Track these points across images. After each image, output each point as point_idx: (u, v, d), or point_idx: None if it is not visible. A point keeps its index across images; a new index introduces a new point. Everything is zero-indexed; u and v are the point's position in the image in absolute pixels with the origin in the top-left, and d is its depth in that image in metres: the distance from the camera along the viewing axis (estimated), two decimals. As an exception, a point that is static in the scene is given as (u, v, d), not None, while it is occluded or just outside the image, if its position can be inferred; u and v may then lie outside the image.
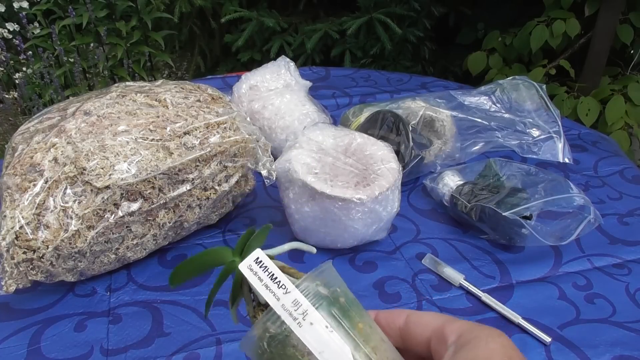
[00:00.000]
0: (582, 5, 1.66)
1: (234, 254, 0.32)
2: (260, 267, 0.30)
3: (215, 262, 0.32)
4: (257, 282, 0.30)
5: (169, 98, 0.66)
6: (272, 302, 0.29)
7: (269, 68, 0.92)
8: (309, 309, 0.29)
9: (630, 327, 0.58)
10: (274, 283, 0.29)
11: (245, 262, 0.30)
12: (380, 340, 0.30)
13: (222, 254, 0.32)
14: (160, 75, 2.47)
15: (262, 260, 0.30)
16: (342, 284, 0.31)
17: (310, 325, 0.28)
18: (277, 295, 0.29)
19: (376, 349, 0.29)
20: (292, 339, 0.29)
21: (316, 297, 0.29)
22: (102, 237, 0.58)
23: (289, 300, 0.29)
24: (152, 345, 0.55)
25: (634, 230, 0.73)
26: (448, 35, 2.23)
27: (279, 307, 0.29)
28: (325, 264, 0.31)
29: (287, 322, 0.28)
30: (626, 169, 0.87)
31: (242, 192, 0.71)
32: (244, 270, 0.30)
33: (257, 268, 0.30)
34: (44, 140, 0.59)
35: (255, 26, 2.07)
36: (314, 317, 0.28)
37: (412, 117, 0.83)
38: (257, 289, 0.30)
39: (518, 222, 0.64)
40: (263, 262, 0.30)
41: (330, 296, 0.30)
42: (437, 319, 0.30)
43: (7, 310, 0.59)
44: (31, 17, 2.27)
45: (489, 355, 0.26)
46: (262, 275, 0.30)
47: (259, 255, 0.30)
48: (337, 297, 0.30)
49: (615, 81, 1.75)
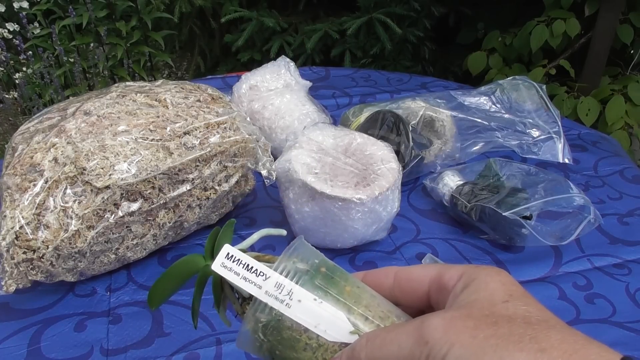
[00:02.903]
0: (582, 5, 1.66)
1: (205, 259, 0.32)
2: (234, 262, 0.30)
3: (189, 271, 0.32)
4: (234, 277, 0.29)
5: (169, 98, 0.66)
6: (254, 292, 0.29)
7: (269, 68, 0.92)
8: (293, 288, 0.28)
9: (630, 327, 0.58)
10: (251, 273, 0.29)
11: (217, 262, 0.30)
12: (370, 297, 0.30)
13: (193, 262, 0.32)
14: (160, 75, 2.47)
15: (233, 254, 0.30)
16: (318, 255, 0.31)
17: (298, 303, 0.28)
18: (257, 284, 0.29)
19: (369, 307, 0.29)
20: (285, 321, 0.28)
21: (297, 274, 0.29)
22: (102, 237, 0.58)
23: (271, 285, 0.29)
24: (152, 345, 0.55)
25: (634, 230, 0.73)
26: (448, 35, 2.23)
27: (263, 295, 0.28)
28: (297, 240, 0.31)
29: (275, 306, 0.28)
30: (626, 169, 0.87)
31: (242, 192, 0.71)
32: (218, 269, 0.30)
33: (230, 264, 0.30)
34: (44, 140, 0.59)
35: (255, 26, 2.07)
36: (300, 294, 0.28)
37: (412, 117, 0.83)
38: (236, 284, 0.29)
39: (518, 222, 0.64)
40: (234, 255, 0.30)
41: (310, 269, 0.29)
42: (430, 270, 0.30)
43: (7, 310, 0.59)
44: (31, 17, 2.27)
45: (490, 295, 0.26)
46: (238, 269, 0.29)
47: (228, 251, 0.30)
48: (318, 268, 0.30)
49: (615, 81, 1.75)
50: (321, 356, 0.28)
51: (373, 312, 0.29)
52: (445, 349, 0.24)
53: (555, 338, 0.23)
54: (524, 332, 0.23)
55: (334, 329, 0.28)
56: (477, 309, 0.26)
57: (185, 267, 0.32)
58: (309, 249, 0.31)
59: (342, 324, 0.28)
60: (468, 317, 0.25)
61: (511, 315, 0.25)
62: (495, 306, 0.26)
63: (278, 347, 0.29)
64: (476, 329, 0.24)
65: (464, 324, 0.25)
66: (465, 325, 0.25)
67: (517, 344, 0.23)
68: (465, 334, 0.24)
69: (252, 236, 0.33)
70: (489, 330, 0.24)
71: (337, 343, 0.28)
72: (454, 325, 0.25)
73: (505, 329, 0.24)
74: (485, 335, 0.24)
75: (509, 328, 0.24)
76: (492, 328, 0.24)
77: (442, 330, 0.25)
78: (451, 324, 0.25)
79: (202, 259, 0.32)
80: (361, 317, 0.28)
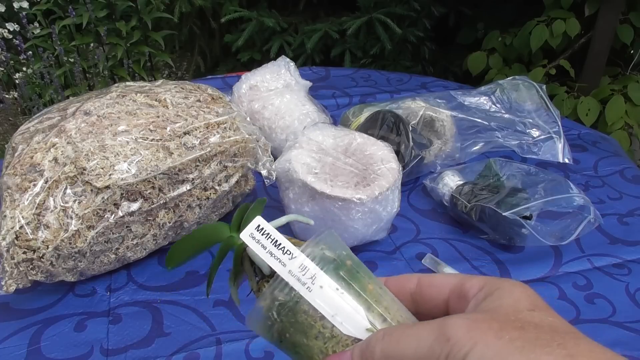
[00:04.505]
0: (582, 5, 1.66)
1: (231, 230, 0.31)
2: (263, 235, 0.28)
3: (213, 238, 0.31)
4: (261, 249, 0.28)
5: (169, 98, 0.66)
6: (278, 268, 0.28)
7: (269, 68, 0.92)
8: (318, 273, 0.27)
9: (630, 327, 0.58)
10: (278, 249, 0.28)
11: (247, 230, 0.28)
12: (391, 300, 0.29)
13: (219, 230, 0.31)
14: (160, 75, 2.47)
15: (264, 227, 0.28)
16: (346, 248, 0.30)
17: (320, 289, 0.27)
18: (282, 261, 0.28)
19: (389, 309, 0.28)
20: (302, 304, 0.27)
21: (323, 261, 0.28)
22: (102, 237, 0.58)
23: (296, 266, 0.27)
24: (152, 345, 0.55)
25: (634, 230, 0.73)
26: (448, 35, 2.23)
27: (286, 273, 0.28)
28: (327, 230, 0.30)
29: (295, 287, 0.27)
30: (626, 169, 0.87)
31: (242, 192, 0.71)
32: (246, 239, 0.28)
33: (259, 236, 0.28)
34: (44, 140, 0.59)
35: (255, 26, 2.07)
36: (323, 280, 0.27)
37: (412, 117, 0.83)
38: (261, 257, 0.28)
39: (518, 222, 0.64)
40: (265, 229, 0.28)
41: (337, 259, 0.29)
42: (452, 278, 0.29)
43: (7, 310, 0.59)
44: (31, 17, 2.27)
45: (515, 302, 0.25)
46: (265, 243, 0.28)
47: (260, 223, 0.29)
48: (344, 260, 0.29)
49: (615, 81, 1.75)
50: (331, 348, 0.28)
51: (392, 315, 0.28)
52: (467, 347, 0.23)
53: (584, 347, 0.22)
54: (552, 338, 0.23)
55: (351, 322, 0.27)
56: (502, 314, 0.25)
57: (210, 233, 0.31)
58: (337, 240, 0.30)
59: (359, 319, 0.27)
60: (493, 319, 0.24)
61: (538, 323, 0.24)
62: (521, 312, 0.25)
63: (290, 330, 0.28)
64: (501, 330, 0.23)
65: (488, 326, 0.24)
66: (490, 327, 0.24)
67: (545, 348, 0.22)
68: (490, 334, 0.23)
69: (281, 218, 0.32)
70: (515, 333, 0.23)
71: (351, 338, 0.27)
72: (478, 326, 0.24)
73: (532, 334, 0.23)
74: (511, 337, 0.23)
75: (535, 333, 0.23)
76: (518, 331, 0.23)
77: (466, 329, 0.24)
78: (475, 324, 0.24)
79: (227, 228, 0.31)
80: (379, 317, 0.28)
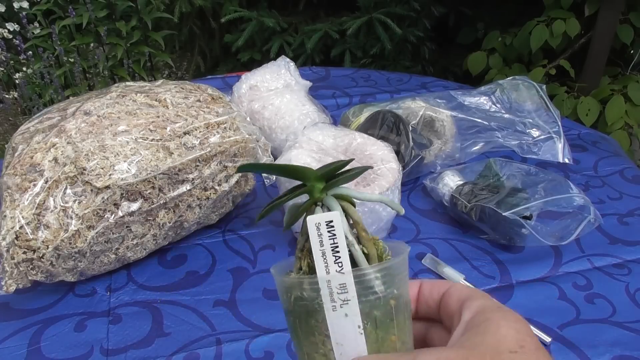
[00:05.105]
0: (582, 5, 1.66)
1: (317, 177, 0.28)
2: (329, 232, 0.26)
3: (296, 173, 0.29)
4: (317, 245, 0.26)
5: (169, 98, 0.66)
6: (320, 273, 0.26)
7: (269, 68, 0.92)
8: (352, 301, 0.26)
9: (630, 327, 0.58)
10: (332, 255, 0.26)
11: (315, 218, 0.26)
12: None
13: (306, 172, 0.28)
14: (160, 75, 2.47)
15: (335, 226, 0.26)
16: (403, 284, 0.28)
17: (344, 317, 0.26)
18: (329, 269, 0.26)
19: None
20: (319, 314, 0.27)
21: (366, 292, 0.26)
22: (102, 237, 0.58)
23: (338, 281, 0.26)
24: (152, 345, 0.55)
25: (634, 230, 0.73)
26: (448, 35, 2.23)
27: (324, 283, 0.26)
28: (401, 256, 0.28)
29: (323, 299, 0.26)
30: (626, 169, 0.87)
31: (242, 192, 0.71)
32: (310, 225, 0.26)
33: (324, 229, 0.26)
34: (44, 140, 0.59)
35: (255, 26, 2.07)
36: (352, 310, 0.26)
37: (412, 117, 0.83)
38: (312, 252, 0.26)
39: (518, 222, 0.64)
40: (335, 228, 0.26)
41: (382, 297, 0.27)
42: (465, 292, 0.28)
43: (7, 310, 0.59)
44: (31, 17, 2.27)
45: (498, 342, 0.24)
46: (325, 241, 0.26)
47: (334, 219, 0.26)
48: (388, 300, 0.27)
49: (615, 81, 1.75)
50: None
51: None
52: None
53: None
54: None
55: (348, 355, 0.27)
56: (478, 353, 0.24)
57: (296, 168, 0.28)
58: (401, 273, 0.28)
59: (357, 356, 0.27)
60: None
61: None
62: (500, 355, 0.23)
63: (297, 318, 0.28)
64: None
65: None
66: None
67: None
68: None
69: (372, 196, 0.30)
70: None
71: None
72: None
73: None
74: None
75: None
76: None
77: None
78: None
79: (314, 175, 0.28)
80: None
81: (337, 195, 0.29)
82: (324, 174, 0.28)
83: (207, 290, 0.62)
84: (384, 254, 0.29)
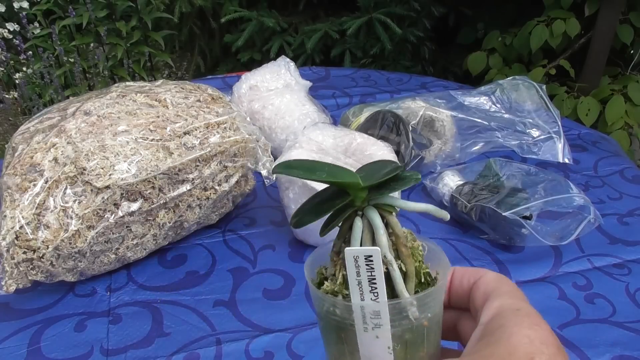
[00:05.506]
0: (582, 5, 1.66)
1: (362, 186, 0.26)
2: (367, 265, 0.25)
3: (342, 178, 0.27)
4: (353, 275, 0.26)
5: (169, 98, 0.66)
6: (354, 299, 0.26)
7: (269, 68, 0.92)
8: (384, 326, 0.26)
9: (630, 327, 0.58)
10: (368, 285, 0.26)
11: (353, 251, 0.25)
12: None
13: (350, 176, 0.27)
14: (160, 75, 2.47)
15: (375, 261, 0.25)
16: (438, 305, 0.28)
17: (374, 338, 0.26)
18: (364, 297, 0.26)
19: None
20: (350, 331, 0.26)
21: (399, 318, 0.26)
22: (102, 237, 0.58)
23: (371, 309, 0.26)
24: (152, 345, 0.55)
25: (634, 230, 0.73)
26: (448, 35, 2.23)
27: (358, 307, 0.26)
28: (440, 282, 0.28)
29: (355, 322, 0.26)
30: (626, 169, 0.87)
31: (242, 192, 0.71)
32: (348, 257, 0.25)
33: (362, 262, 0.25)
34: (44, 140, 0.59)
35: (255, 26, 2.07)
36: (384, 334, 0.26)
37: (412, 117, 0.83)
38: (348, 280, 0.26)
39: (518, 222, 0.64)
40: (374, 263, 0.25)
41: (415, 321, 0.26)
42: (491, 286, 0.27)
43: (7, 310, 0.59)
44: (31, 17, 2.27)
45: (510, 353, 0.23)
46: (362, 272, 0.25)
47: (373, 254, 0.25)
48: (422, 322, 0.27)
49: (615, 81, 1.75)
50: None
51: None
52: None
53: None
54: None
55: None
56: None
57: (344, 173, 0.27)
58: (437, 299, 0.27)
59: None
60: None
61: None
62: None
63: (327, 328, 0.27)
64: None
65: None
66: None
67: None
68: None
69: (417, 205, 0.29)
70: None
71: None
72: None
73: None
74: None
75: None
76: None
77: None
78: None
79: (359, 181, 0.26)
80: None
81: (379, 205, 0.28)
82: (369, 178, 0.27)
83: (207, 290, 0.62)
84: (423, 267, 0.28)
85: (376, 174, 0.28)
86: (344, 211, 0.27)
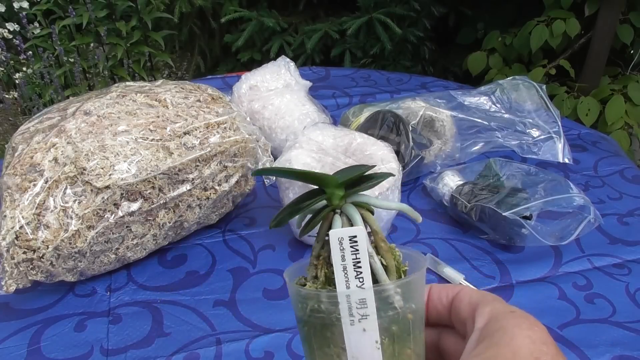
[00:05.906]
0: (582, 5, 1.66)
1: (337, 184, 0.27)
2: (352, 247, 0.26)
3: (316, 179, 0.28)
4: (338, 259, 0.26)
5: (169, 98, 0.66)
6: (340, 287, 0.26)
7: (269, 68, 0.92)
8: (371, 316, 0.26)
9: (630, 327, 0.58)
10: (354, 270, 0.26)
11: (338, 232, 0.26)
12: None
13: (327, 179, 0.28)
14: (160, 75, 2.47)
15: (359, 242, 0.26)
16: (420, 298, 0.28)
17: (361, 332, 0.26)
18: (349, 284, 0.26)
19: None
20: (336, 328, 0.26)
21: (386, 307, 0.26)
22: (102, 237, 0.58)
23: (358, 297, 0.26)
24: (152, 345, 0.55)
25: (634, 230, 0.73)
26: (448, 35, 2.23)
27: (343, 297, 0.26)
28: (421, 270, 0.28)
29: (341, 314, 0.26)
30: (626, 169, 0.87)
31: (242, 192, 0.71)
32: (332, 239, 0.26)
33: (346, 244, 0.26)
34: (44, 140, 0.59)
35: (255, 26, 2.07)
36: (370, 325, 0.26)
37: (412, 117, 0.83)
38: (333, 265, 0.26)
39: (518, 222, 0.64)
40: (358, 243, 0.26)
41: (401, 311, 0.27)
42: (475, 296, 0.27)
43: (7, 310, 0.59)
44: (31, 17, 2.27)
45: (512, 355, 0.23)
46: (347, 256, 0.26)
47: (357, 234, 0.25)
48: (406, 314, 0.27)
49: (615, 81, 1.75)
50: None
51: None
52: None
53: None
54: None
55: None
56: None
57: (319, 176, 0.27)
58: (419, 288, 0.28)
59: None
60: None
61: None
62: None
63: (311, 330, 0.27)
64: None
65: None
66: None
67: None
68: None
69: (391, 204, 0.30)
70: None
71: None
72: None
73: None
74: None
75: None
76: None
77: None
78: None
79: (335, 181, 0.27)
80: None
81: (356, 203, 0.28)
82: (345, 181, 0.28)
83: (207, 290, 0.62)
84: (402, 265, 0.28)
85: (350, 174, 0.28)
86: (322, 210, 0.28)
